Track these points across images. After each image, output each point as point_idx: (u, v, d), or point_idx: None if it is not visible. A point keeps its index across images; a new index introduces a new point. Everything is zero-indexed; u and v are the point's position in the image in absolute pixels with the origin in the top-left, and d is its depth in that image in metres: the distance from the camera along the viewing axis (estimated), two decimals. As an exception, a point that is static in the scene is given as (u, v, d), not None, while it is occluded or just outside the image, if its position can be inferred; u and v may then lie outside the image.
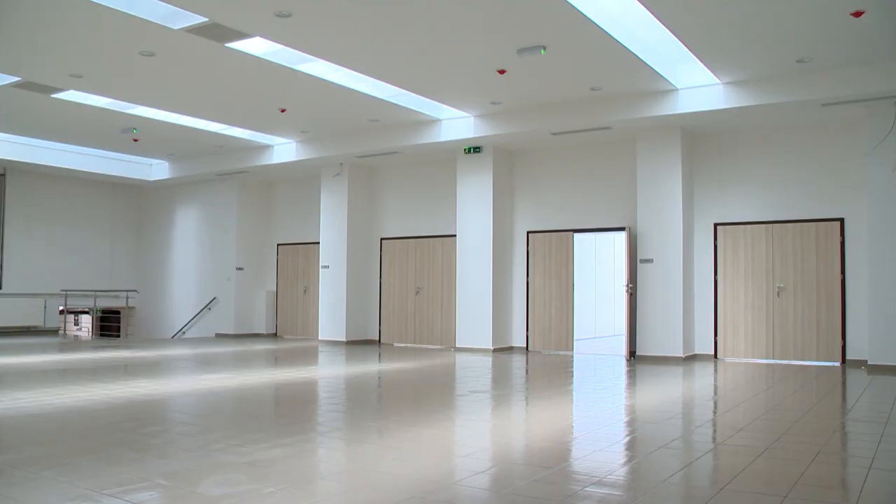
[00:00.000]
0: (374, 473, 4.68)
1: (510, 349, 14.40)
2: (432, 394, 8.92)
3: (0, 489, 4.12)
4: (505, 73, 10.96)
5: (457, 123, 13.80)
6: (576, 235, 14.14)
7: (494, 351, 13.97)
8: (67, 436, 5.84)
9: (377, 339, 16.46)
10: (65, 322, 19.18)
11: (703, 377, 10.49)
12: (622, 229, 13.42)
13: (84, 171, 18.33)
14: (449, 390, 9.32)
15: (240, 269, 18.36)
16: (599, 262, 18.58)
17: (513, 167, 14.80)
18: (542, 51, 9.84)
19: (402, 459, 5.04)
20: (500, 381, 10.20)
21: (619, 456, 5.36)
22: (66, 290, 18.61)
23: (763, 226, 12.53)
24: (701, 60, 10.42)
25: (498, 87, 11.78)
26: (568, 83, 11.53)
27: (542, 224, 14.46)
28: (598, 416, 7.16)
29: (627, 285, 12.99)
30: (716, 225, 12.90)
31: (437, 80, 11.59)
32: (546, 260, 14.33)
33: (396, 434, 5.98)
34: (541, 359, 13.01)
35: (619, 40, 9.66)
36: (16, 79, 11.86)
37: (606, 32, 9.34)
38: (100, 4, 8.71)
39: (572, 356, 13.46)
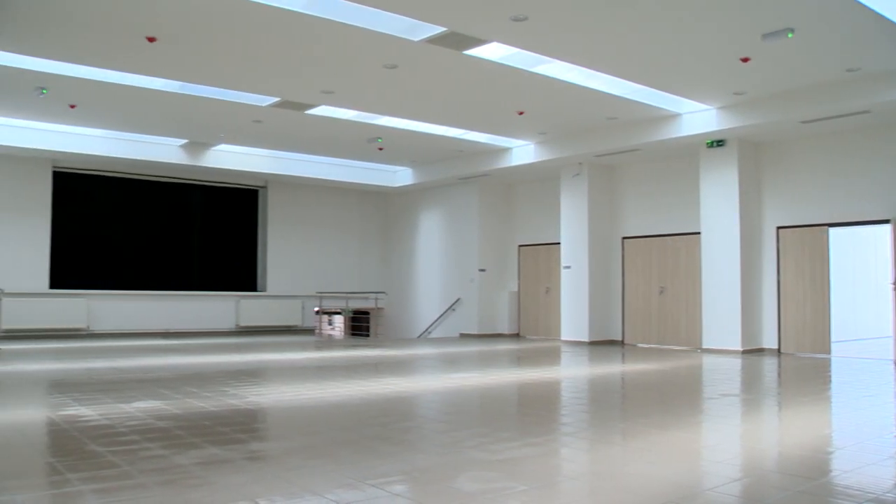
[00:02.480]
0: (623, 476, 4.61)
1: (760, 351, 13.68)
2: (679, 396, 8.66)
3: (279, 473, 4.48)
4: (749, 62, 10.43)
5: (698, 117, 13.31)
6: (831, 230, 13.18)
7: (743, 352, 13.33)
8: (329, 428, 6.23)
9: (620, 339, 16.24)
10: (320, 322, 20.54)
11: None
12: (886, 222, 12.35)
13: (334, 181, 19.63)
14: (696, 393, 9.00)
15: (482, 270, 18.78)
16: (859, 257, 17.20)
17: (759, 160, 14.05)
18: (790, 34, 9.25)
19: (651, 462, 4.92)
20: (751, 384, 9.72)
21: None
22: (320, 293, 19.90)
23: None
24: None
25: (741, 77, 11.24)
26: (819, 66, 10.76)
27: (793, 219, 13.60)
28: (863, 426, 6.59)
29: (894, 283, 11.94)
30: None
31: (677, 74, 11.25)
32: (798, 256, 13.48)
33: (643, 436, 5.85)
34: (794, 361, 12.26)
35: (880, 12, 8.85)
36: (275, 99, 12.88)
37: (864, 4, 8.59)
38: (347, 24, 9.26)
39: (829, 359, 12.55)
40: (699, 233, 14.38)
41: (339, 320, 21.72)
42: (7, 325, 14.87)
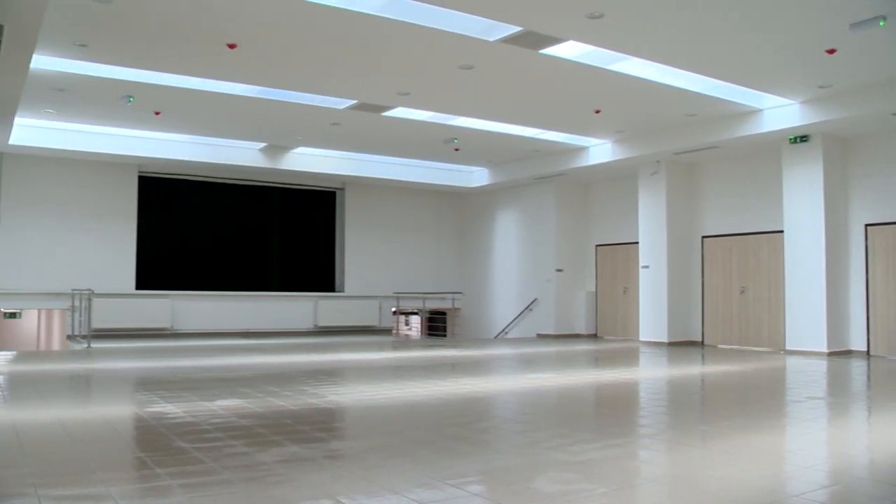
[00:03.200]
0: (705, 479, 4.51)
1: (847, 353, 13.24)
2: (762, 398, 8.46)
3: (358, 472, 4.53)
4: (835, 53, 10.11)
5: (780, 112, 12.96)
6: (925, 226, 12.70)
7: (829, 354, 12.91)
8: (407, 427, 6.27)
9: (700, 340, 15.93)
10: (397, 322, 20.68)
11: None
12: (983, 218, 11.84)
13: (411, 182, 19.75)
14: (780, 395, 8.78)
15: (559, 270, 18.66)
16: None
17: (846, 155, 13.61)
18: (882, 22, 8.89)
19: (733, 466, 4.82)
20: (838, 386, 9.43)
21: None
22: (397, 293, 20.04)
23: None
24: None
25: (827, 69, 10.89)
26: (914, 55, 10.33)
27: (883, 216, 13.12)
28: (961, 429, 6.34)
29: None
30: None
31: (758, 68, 10.98)
32: (888, 254, 13.00)
33: (725, 439, 5.73)
34: (885, 364, 11.84)
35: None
36: (352, 102, 13.04)
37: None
38: (423, 26, 9.31)
39: (924, 361, 12.11)
40: (782, 231, 13.99)
41: (415, 320, 21.87)
42: (96, 324, 15.37)
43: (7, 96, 11.38)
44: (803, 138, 13.33)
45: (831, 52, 10.03)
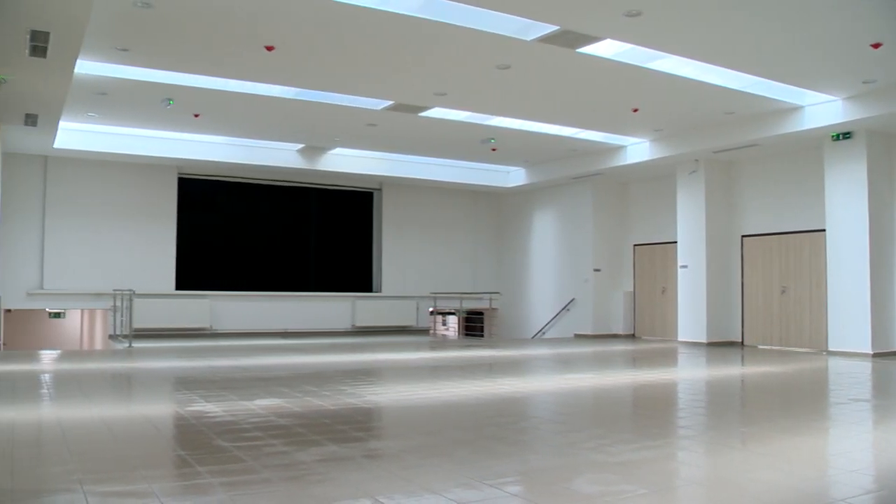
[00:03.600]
0: (746, 482, 4.44)
1: (893, 354, 13.00)
2: (804, 400, 8.34)
3: (397, 471, 4.54)
4: (880, 47, 9.91)
5: (822, 109, 12.77)
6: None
7: (874, 355, 12.69)
8: (445, 427, 6.27)
9: (739, 340, 15.75)
10: (434, 322, 20.70)
11: None
12: None
13: (448, 182, 19.78)
14: (823, 397, 8.64)
15: (597, 270, 18.57)
16: None
17: (890, 152, 13.36)
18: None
19: (775, 469, 4.74)
20: (884, 388, 9.26)
21: None
22: (434, 293, 20.06)
23: None
24: None
25: (871, 64, 10.69)
26: (966, 47, 10.08)
27: (929, 214, 12.90)
28: None
29: None
30: None
31: (800, 64, 10.82)
32: (935, 253, 12.76)
33: (766, 441, 5.64)
34: (932, 364, 11.62)
35: None
36: (389, 102, 13.07)
37: None
38: (460, 26, 9.31)
39: (972, 362, 11.85)
40: (824, 230, 13.78)
41: (453, 321, 21.87)
42: (137, 324, 15.58)
43: (52, 101, 11.59)
44: (846, 135, 13.11)
45: (876, 46, 9.84)
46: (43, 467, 4.79)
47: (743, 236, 15.85)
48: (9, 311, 16.37)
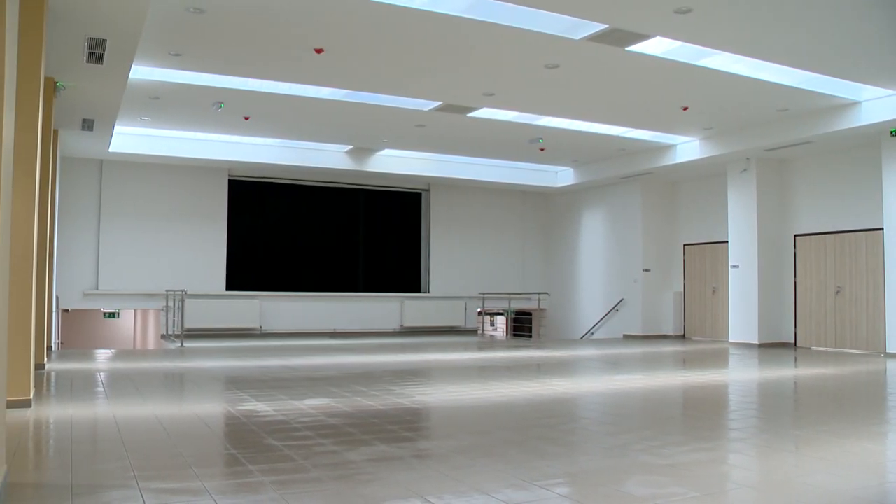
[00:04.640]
0: (799, 486, 4.37)
1: (954, 355, 12.69)
2: (860, 404, 8.16)
3: (446, 471, 4.55)
4: (939, 42, 9.67)
5: (880, 104, 12.46)
6: None
7: (934, 357, 12.40)
8: (494, 428, 6.27)
9: (792, 341, 15.47)
10: (482, 323, 20.69)
11: None
12: None
13: (496, 182, 19.76)
14: (880, 400, 8.45)
15: (646, 270, 18.40)
16: None
17: (950, 148, 13.03)
18: None
19: (829, 473, 4.65)
20: (944, 390, 9.03)
21: None
22: (483, 294, 20.05)
23: None
24: None
25: (931, 58, 10.43)
26: None
27: None
28: None
29: None
30: None
31: (856, 58, 10.56)
32: None
33: (820, 445, 5.53)
34: None
35: None
36: (437, 103, 13.10)
37: None
38: (508, 26, 9.29)
39: None
40: (881, 229, 13.47)
41: (501, 321, 21.85)
42: (189, 324, 15.82)
43: (108, 106, 11.83)
44: (905, 131, 12.81)
45: (935, 40, 9.60)
46: (99, 464, 4.90)
47: (796, 235, 15.57)
48: (66, 311, 16.74)
